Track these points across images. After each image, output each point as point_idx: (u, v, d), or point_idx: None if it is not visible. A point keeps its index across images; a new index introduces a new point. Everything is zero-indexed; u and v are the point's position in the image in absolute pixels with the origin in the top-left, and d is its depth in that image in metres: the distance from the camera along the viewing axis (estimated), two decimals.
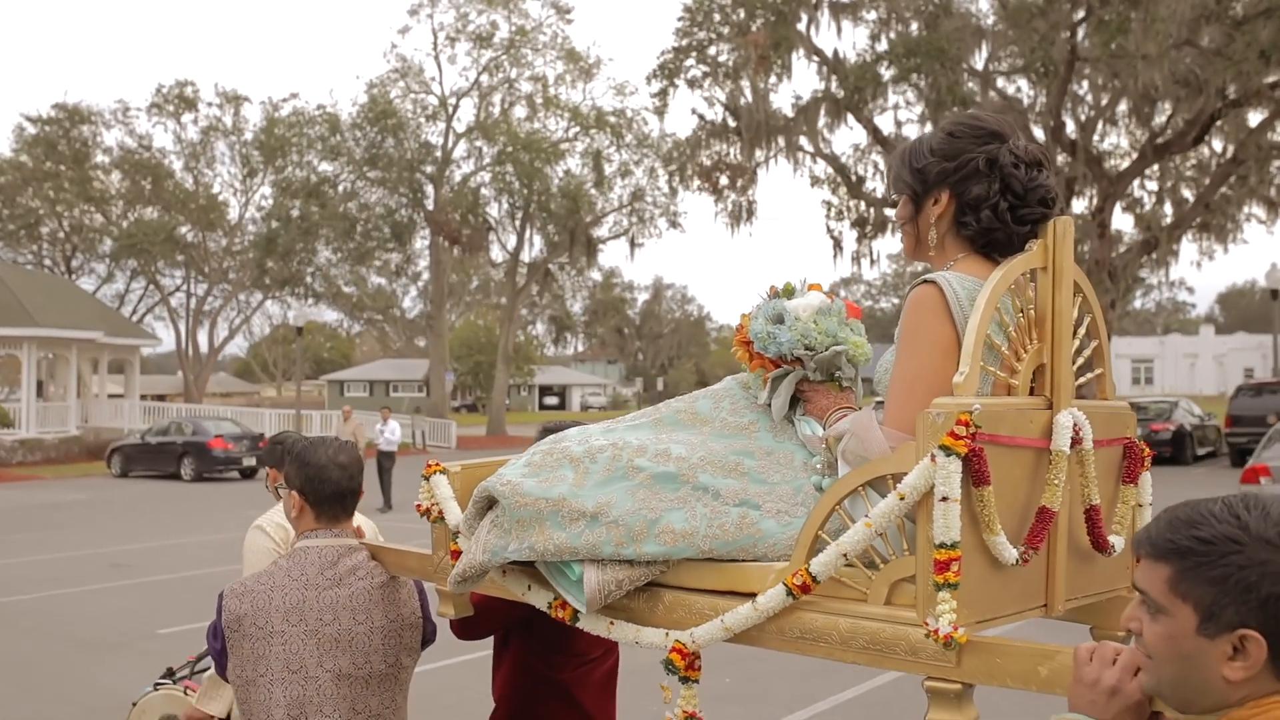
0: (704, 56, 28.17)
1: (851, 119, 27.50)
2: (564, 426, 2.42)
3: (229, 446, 25.21)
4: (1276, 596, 1.24)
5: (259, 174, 43.21)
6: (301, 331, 35.66)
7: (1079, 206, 26.86)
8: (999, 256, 1.98)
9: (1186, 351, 70.17)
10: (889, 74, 25.98)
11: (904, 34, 26.25)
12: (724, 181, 29.35)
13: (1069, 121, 26.91)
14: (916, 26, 26.17)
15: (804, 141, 28.13)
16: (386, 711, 2.58)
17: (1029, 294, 1.92)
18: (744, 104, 27.67)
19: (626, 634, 2.04)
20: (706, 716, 1.99)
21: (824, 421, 2.07)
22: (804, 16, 26.75)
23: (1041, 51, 24.04)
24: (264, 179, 43.27)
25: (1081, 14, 24.34)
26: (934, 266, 2.03)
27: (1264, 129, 25.62)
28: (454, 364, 53.01)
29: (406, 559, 2.62)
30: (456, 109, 41.03)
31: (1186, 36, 22.97)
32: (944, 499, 1.63)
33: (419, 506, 2.44)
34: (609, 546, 1.97)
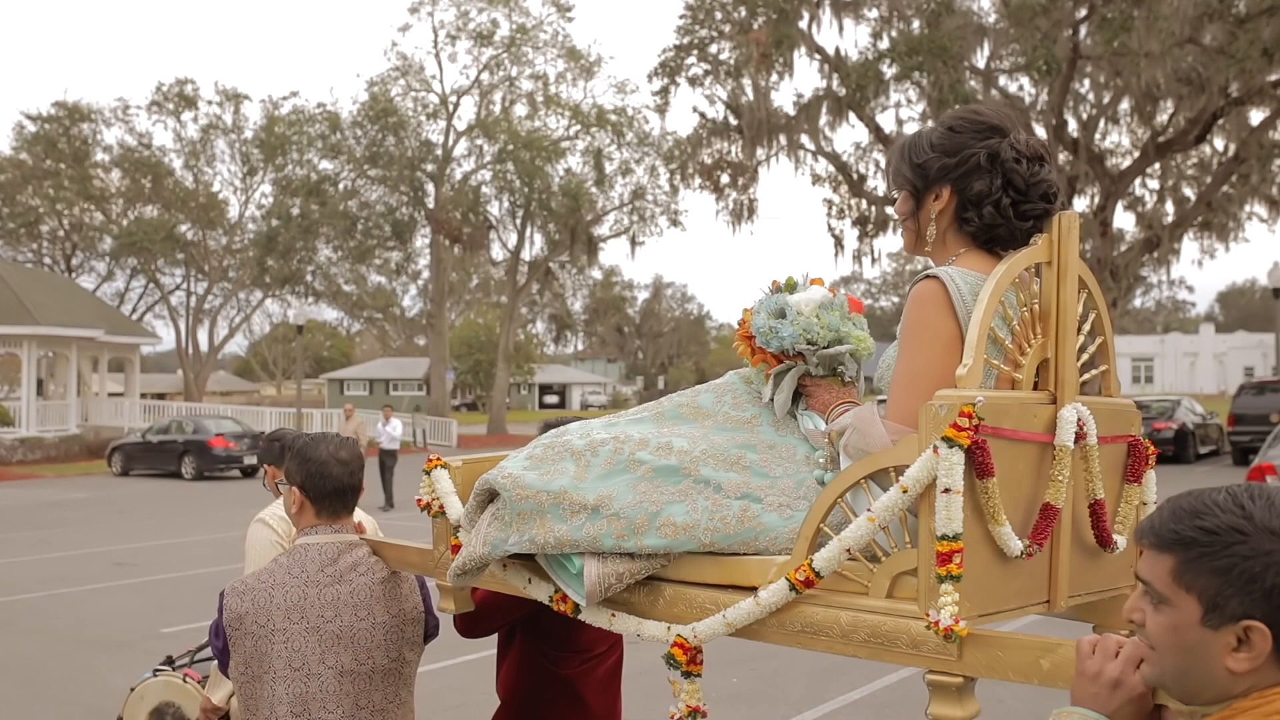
0: (705, 54, 28.14)
1: (853, 117, 27.49)
2: (566, 424, 2.41)
3: (230, 445, 25.21)
4: None
5: (259, 172, 43.18)
6: (302, 330, 35.65)
7: (1081, 205, 26.83)
8: (1001, 251, 1.97)
9: (1186, 350, 70.14)
10: (891, 72, 25.95)
11: (905, 32, 26.22)
12: (725, 180, 29.34)
13: (1071, 120, 26.89)
14: (918, 25, 26.14)
15: (805, 140, 28.12)
16: (390, 706, 2.58)
17: (1033, 288, 1.91)
18: (745, 102, 27.65)
19: (628, 627, 2.03)
20: (716, 716, 1.99)
21: (826, 416, 2.06)
22: (805, 14, 26.73)
23: (1044, 50, 24.00)
24: (264, 177, 43.25)
25: (1084, 12, 24.31)
26: (935, 262, 2.02)
27: (1265, 127, 25.60)
28: (454, 363, 52.99)
29: (407, 554, 2.61)
30: (457, 107, 41.06)
31: (1189, 34, 22.94)
32: (946, 491, 1.62)
33: (420, 501, 2.44)
34: (610, 539, 1.97)
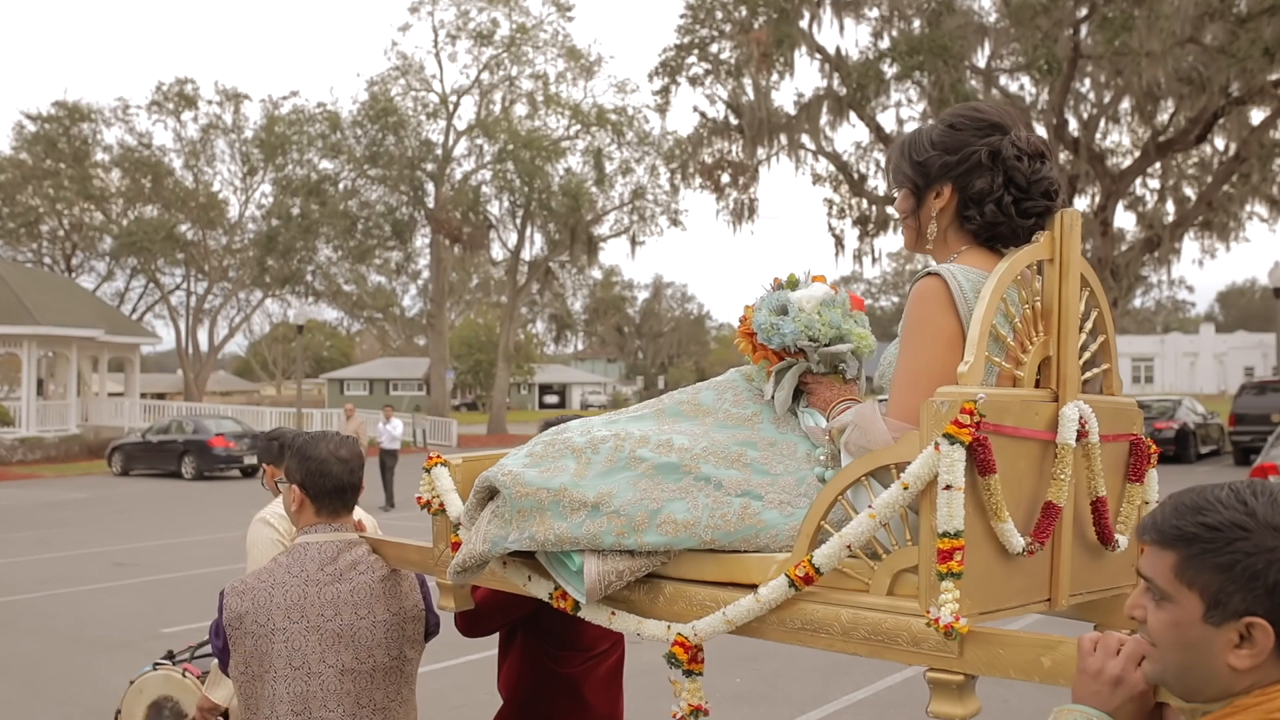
0: (706, 54, 28.13)
1: (854, 117, 27.47)
2: (567, 422, 2.40)
3: (230, 445, 25.20)
4: None
5: (259, 172, 43.16)
6: (302, 330, 35.64)
7: (1081, 204, 26.80)
8: (1002, 249, 1.96)
9: (1186, 350, 70.13)
10: (892, 72, 25.94)
11: (906, 31, 26.21)
12: (725, 179, 29.32)
13: (1071, 119, 26.87)
14: (919, 24, 26.13)
15: (806, 139, 28.10)
16: (392, 704, 2.58)
17: (1035, 286, 1.90)
18: (746, 101, 27.64)
19: (628, 625, 2.03)
20: (719, 716, 1.98)
21: (827, 413, 2.05)
22: (806, 14, 26.71)
23: (1045, 49, 23.98)
24: (264, 177, 43.23)
25: (1084, 11, 24.29)
26: (936, 259, 2.01)
27: (1266, 126, 25.56)
28: (454, 363, 52.98)
29: (407, 552, 2.61)
30: (457, 107, 41.04)
31: (1190, 34, 22.93)
32: (947, 487, 1.61)
33: (419, 499, 2.43)
34: (610, 536, 1.96)
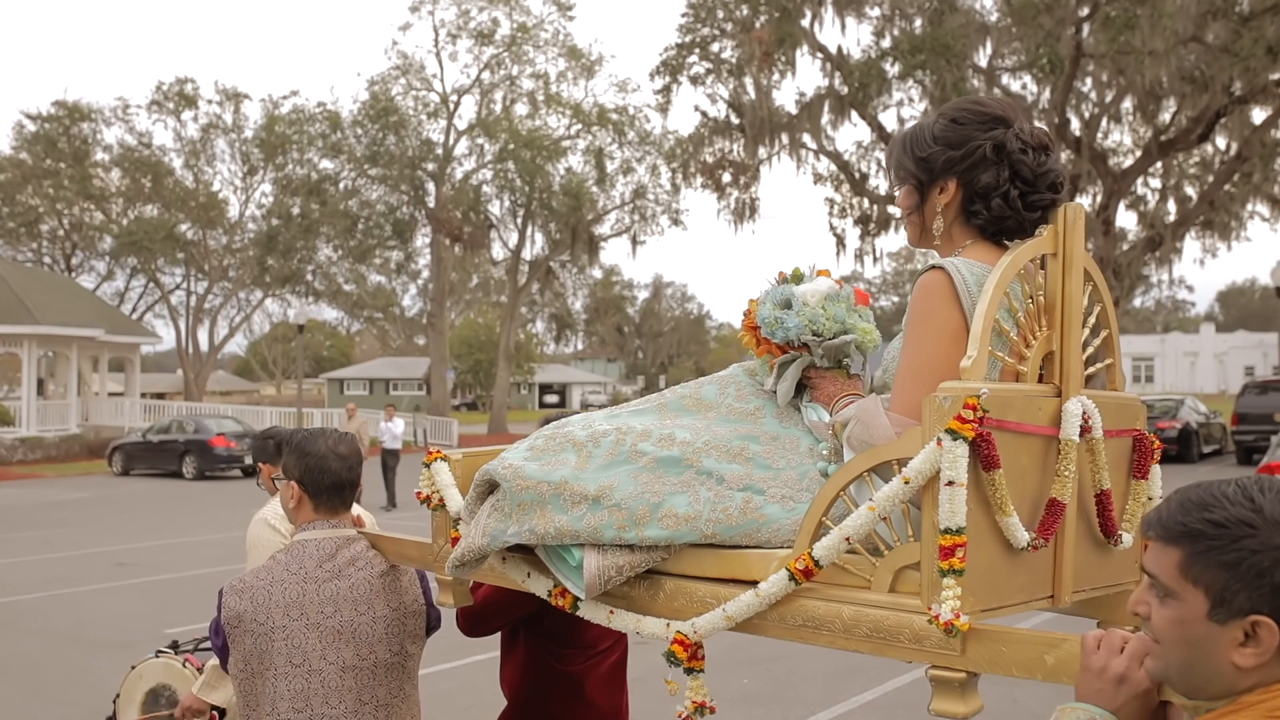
0: (707, 53, 28.11)
1: (855, 116, 27.46)
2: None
3: (231, 445, 25.19)
4: None
5: (259, 171, 43.15)
6: (303, 329, 35.62)
7: (1083, 204, 26.74)
8: (1007, 243, 1.95)
9: (1187, 350, 70.14)
10: (894, 71, 25.92)
11: (908, 31, 26.18)
12: (727, 179, 29.31)
13: (1073, 118, 26.84)
14: (920, 23, 26.11)
15: (807, 139, 28.09)
16: (395, 700, 2.57)
17: (1038, 280, 1.88)
18: (747, 101, 27.62)
19: (627, 623, 2.01)
20: (729, 717, 1.97)
21: (830, 408, 2.04)
22: (808, 13, 26.68)
23: (1047, 48, 23.95)
24: (264, 176, 43.23)
25: (1086, 10, 24.26)
26: (941, 254, 2.00)
27: (1268, 126, 25.51)
28: (454, 362, 52.98)
29: (406, 548, 2.60)
30: (458, 106, 41.00)
31: (1193, 33, 22.90)
32: (950, 483, 1.60)
33: (419, 494, 2.42)
34: (611, 530, 1.95)
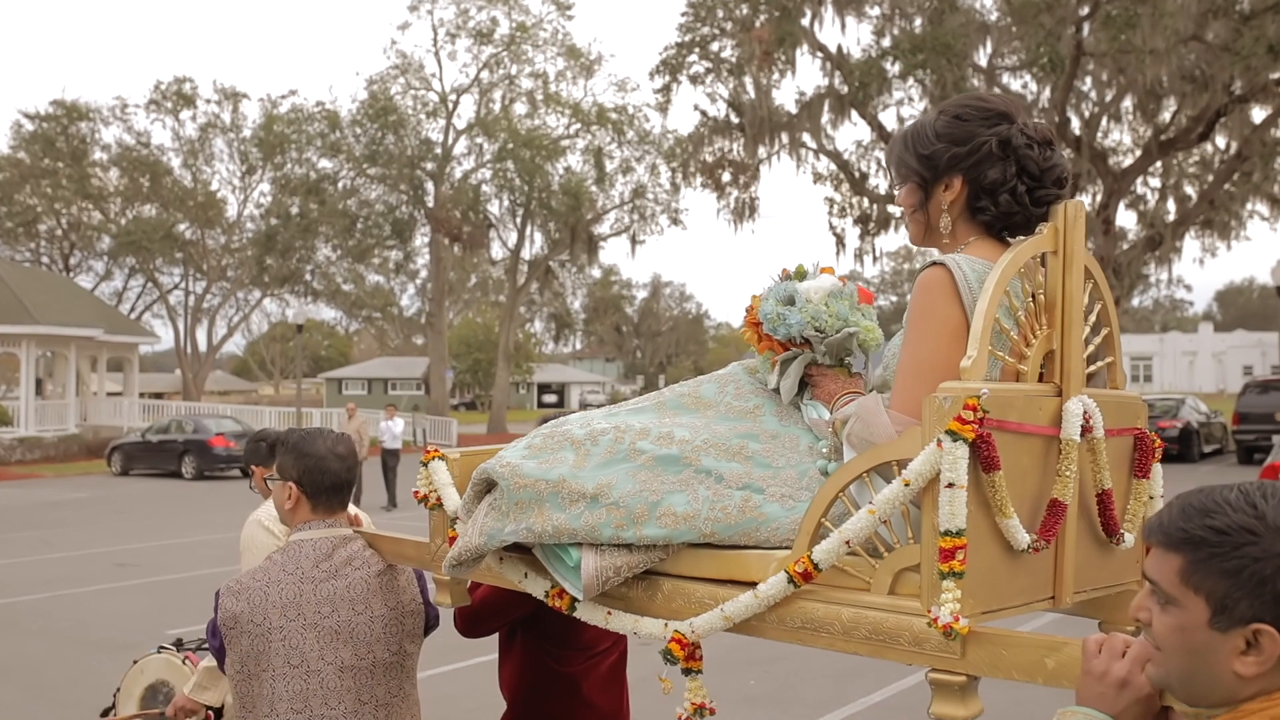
0: (707, 52, 28.11)
1: (855, 115, 27.45)
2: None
3: (230, 445, 25.15)
4: None
5: (258, 171, 43.13)
6: (302, 329, 35.59)
7: (1083, 202, 26.75)
8: (1011, 239, 1.94)
9: (1185, 349, 70.20)
10: (894, 70, 25.90)
11: (908, 30, 26.18)
12: (726, 178, 29.31)
13: (1073, 117, 26.83)
14: (920, 22, 26.10)
15: (807, 138, 28.09)
16: (395, 700, 2.57)
17: (1039, 278, 1.87)
18: (747, 100, 27.61)
19: (624, 624, 2.00)
20: (735, 718, 1.96)
21: (831, 406, 2.02)
22: (808, 12, 26.67)
23: (1048, 47, 23.93)
24: (263, 176, 43.21)
25: (1087, 9, 24.25)
26: (943, 252, 1.98)
27: (1268, 125, 25.50)
28: (453, 362, 52.96)
29: (404, 547, 2.59)
30: (457, 105, 40.98)
31: (1193, 31, 22.88)
32: (950, 485, 1.59)
33: (417, 493, 2.41)
34: (609, 528, 1.93)
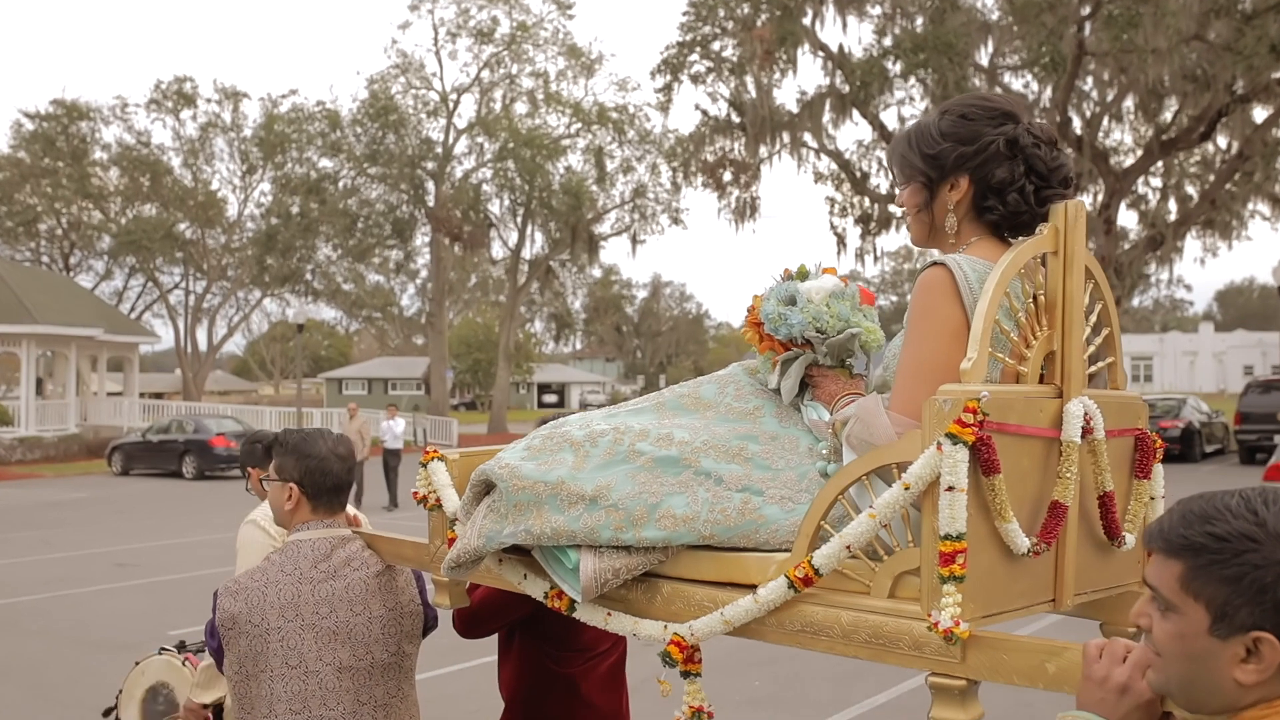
0: (708, 52, 28.09)
1: (856, 114, 27.43)
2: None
3: (231, 445, 25.13)
4: None
5: (258, 171, 43.12)
6: (302, 329, 35.58)
7: (1084, 202, 26.71)
8: (1012, 239, 1.93)
9: (1186, 349, 70.18)
10: (895, 69, 25.88)
11: (909, 29, 26.16)
12: (728, 178, 29.29)
13: (1074, 117, 26.81)
14: (921, 21, 26.09)
15: (808, 137, 28.08)
16: (393, 701, 2.57)
17: (1039, 279, 1.86)
18: (748, 99, 27.60)
19: (624, 625, 1.99)
20: (740, 719, 1.95)
21: (831, 407, 2.02)
22: (809, 11, 26.65)
23: (1049, 46, 23.90)
24: (263, 175, 43.20)
25: (1089, 9, 24.22)
26: (945, 252, 1.98)
27: (1270, 124, 25.45)
28: (453, 362, 52.96)
29: (402, 548, 2.59)
30: (457, 105, 40.95)
31: (1195, 31, 22.86)
32: (950, 489, 1.58)
33: (416, 494, 2.41)
34: (608, 531, 1.93)
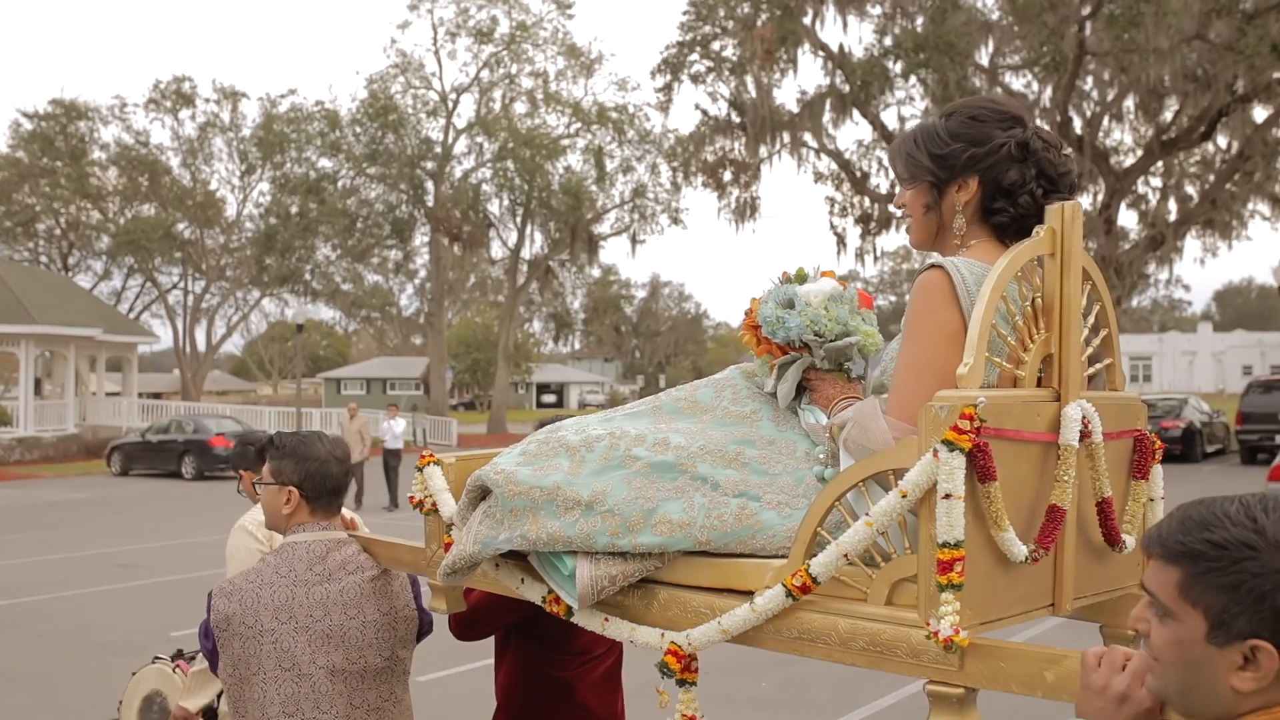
0: (709, 51, 28.09)
1: (856, 114, 27.42)
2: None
3: (230, 445, 25.04)
4: None
5: (257, 170, 43.10)
6: (302, 329, 35.55)
7: (1084, 203, 26.76)
8: (1008, 242, 1.92)
9: (1185, 349, 70.18)
10: (896, 69, 25.87)
11: (910, 29, 26.15)
12: (728, 177, 29.29)
13: (1075, 117, 26.80)
14: (922, 21, 26.08)
15: (808, 137, 28.07)
16: (386, 705, 2.56)
17: (1035, 281, 1.85)
18: (748, 99, 27.59)
19: (621, 632, 1.98)
20: None
21: (829, 410, 2.01)
22: (810, 10, 26.65)
23: (1051, 46, 23.89)
24: (262, 175, 43.17)
25: (1089, 9, 24.21)
26: (944, 253, 1.97)
27: (1270, 124, 25.44)
28: (452, 362, 52.95)
29: (399, 552, 2.58)
30: (457, 105, 40.95)
31: (1196, 30, 22.85)
32: (947, 496, 1.57)
33: (412, 499, 2.40)
34: (604, 536, 1.92)
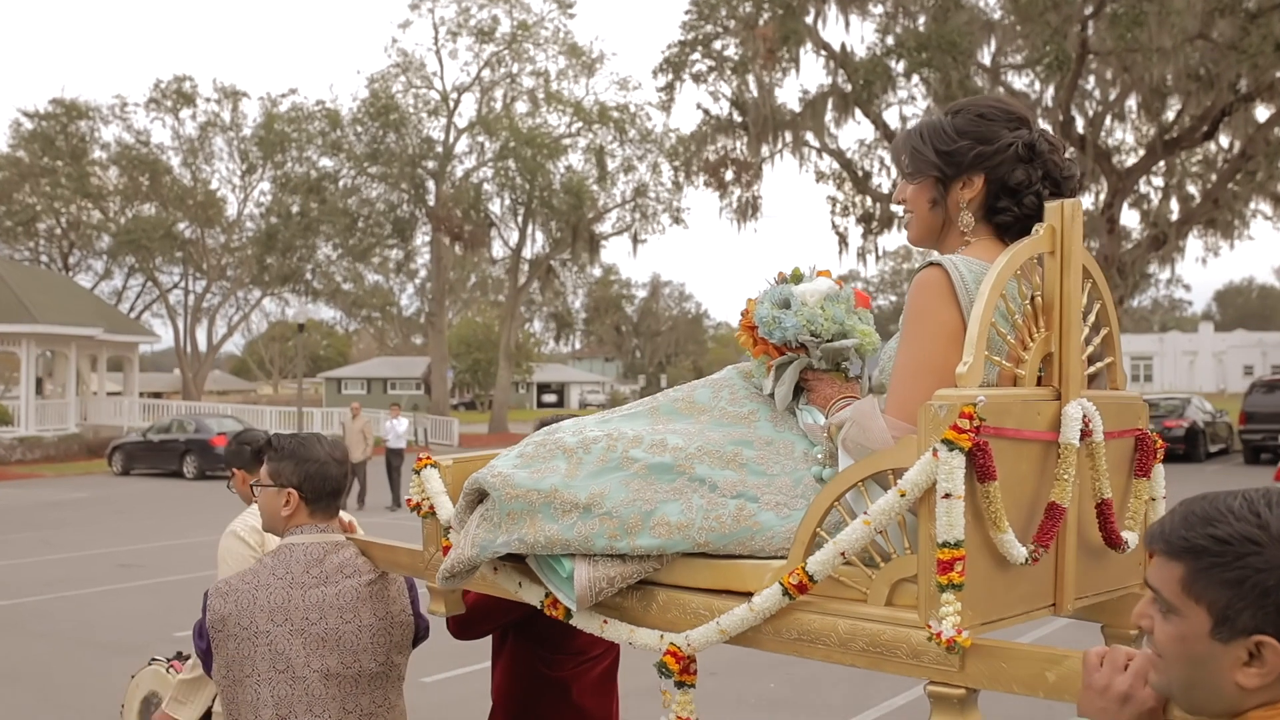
0: (710, 51, 28.08)
1: (859, 113, 27.41)
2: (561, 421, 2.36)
3: None
4: None
5: (258, 170, 43.11)
6: (303, 328, 35.55)
7: (1087, 202, 26.75)
8: (1008, 241, 1.92)
9: (1186, 349, 70.16)
10: (899, 68, 25.86)
11: (912, 28, 26.13)
12: (729, 177, 29.28)
13: (1077, 116, 26.78)
14: (924, 20, 26.06)
15: (810, 137, 28.05)
16: (380, 710, 2.55)
17: (1035, 280, 1.84)
18: (750, 98, 27.58)
19: (620, 634, 1.98)
20: None
21: (826, 411, 2.00)
22: (811, 10, 26.64)
23: (1053, 45, 23.87)
24: (263, 175, 43.19)
25: (1092, 8, 24.19)
26: (943, 251, 1.96)
27: (1273, 123, 25.39)
28: (453, 362, 52.95)
29: (396, 555, 2.57)
30: (458, 104, 40.95)
31: (1200, 29, 22.83)
32: (947, 495, 1.56)
33: (409, 501, 2.39)
34: (602, 539, 1.91)
